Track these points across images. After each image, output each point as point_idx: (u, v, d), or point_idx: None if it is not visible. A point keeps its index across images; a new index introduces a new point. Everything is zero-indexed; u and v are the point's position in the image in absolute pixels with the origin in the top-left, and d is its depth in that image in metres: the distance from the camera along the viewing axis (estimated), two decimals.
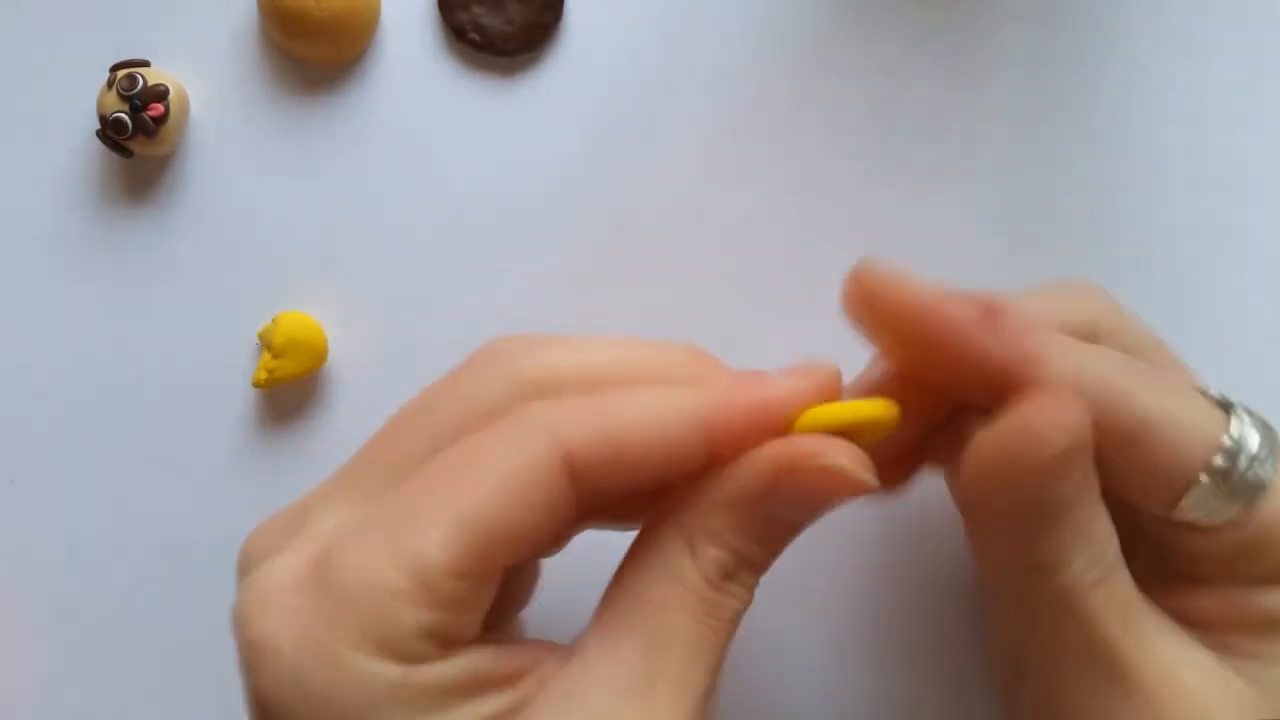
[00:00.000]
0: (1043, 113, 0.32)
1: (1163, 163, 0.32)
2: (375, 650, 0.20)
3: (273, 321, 0.31)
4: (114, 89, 0.31)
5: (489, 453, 0.21)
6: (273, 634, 0.20)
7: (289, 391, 0.32)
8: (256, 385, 0.31)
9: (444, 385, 0.23)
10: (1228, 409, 0.23)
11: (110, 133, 0.31)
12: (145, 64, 0.32)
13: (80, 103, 0.32)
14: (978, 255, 0.32)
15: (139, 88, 0.31)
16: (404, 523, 0.20)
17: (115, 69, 0.32)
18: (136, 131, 0.31)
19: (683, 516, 0.22)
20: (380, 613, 0.20)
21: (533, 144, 0.32)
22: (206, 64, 0.33)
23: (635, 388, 0.22)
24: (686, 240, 0.32)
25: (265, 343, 0.31)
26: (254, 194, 0.32)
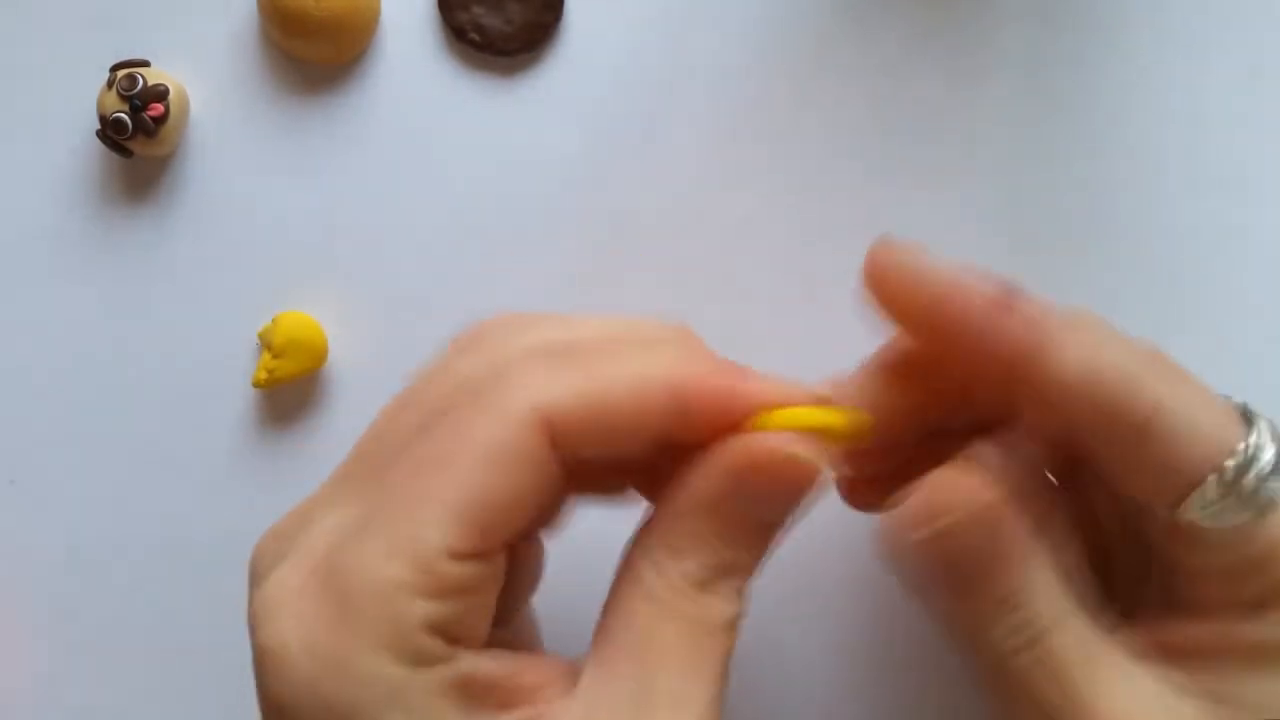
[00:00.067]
0: (1043, 113, 0.32)
1: (1163, 163, 0.32)
2: (383, 651, 0.20)
3: (273, 321, 0.31)
4: (114, 89, 0.31)
5: (471, 426, 0.21)
6: (282, 640, 0.20)
7: (289, 391, 0.32)
8: (256, 385, 0.31)
9: (431, 369, 0.23)
10: (1250, 420, 0.23)
11: (110, 133, 0.31)
12: (145, 64, 0.32)
13: (80, 103, 0.32)
14: (978, 255, 0.31)
15: (139, 88, 0.31)
16: (397, 512, 0.20)
17: (115, 69, 0.32)
18: (136, 131, 0.31)
19: (650, 534, 0.22)
20: (385, 610, 0.20)
21: (533, 144, 0.32)
22: (206, 64, 0.33)
23: (613, 352, 0.22)
24: (686, 240, 0.32)
25: (265, 343, 0.31)
26: (254, 194, 0.32)
